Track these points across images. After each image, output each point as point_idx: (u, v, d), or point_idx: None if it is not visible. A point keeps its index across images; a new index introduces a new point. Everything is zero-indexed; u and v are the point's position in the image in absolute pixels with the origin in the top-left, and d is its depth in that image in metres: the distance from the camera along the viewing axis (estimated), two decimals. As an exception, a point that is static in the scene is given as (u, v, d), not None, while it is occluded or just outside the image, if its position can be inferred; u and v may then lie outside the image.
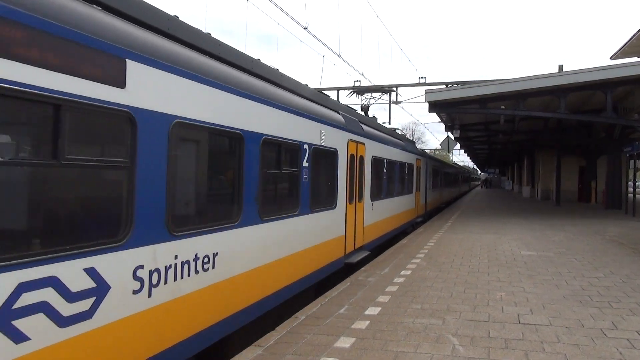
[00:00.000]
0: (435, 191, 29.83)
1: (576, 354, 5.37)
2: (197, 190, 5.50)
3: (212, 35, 6.23)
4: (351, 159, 11.00)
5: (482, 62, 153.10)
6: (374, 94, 25.05)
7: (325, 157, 9.39)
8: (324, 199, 9.31)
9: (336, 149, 9.91)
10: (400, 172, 17.20)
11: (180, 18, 5.61)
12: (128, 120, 4.12)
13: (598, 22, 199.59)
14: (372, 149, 13.07)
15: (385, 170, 14.58)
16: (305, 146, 8.08)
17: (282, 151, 7.41)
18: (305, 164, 8.08)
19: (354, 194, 11.21)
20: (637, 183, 29.06)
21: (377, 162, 13.58)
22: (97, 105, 3.77)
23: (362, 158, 11.96)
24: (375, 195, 13.46)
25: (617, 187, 28.55)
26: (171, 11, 5.70)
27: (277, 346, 5.63)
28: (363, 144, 12.02)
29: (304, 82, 9.50)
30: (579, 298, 7.85)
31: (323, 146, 9.08)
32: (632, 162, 24.57)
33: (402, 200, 17.54)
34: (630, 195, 29.86)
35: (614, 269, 10.33)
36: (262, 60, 7.44)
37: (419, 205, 21.78)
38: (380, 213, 14.07)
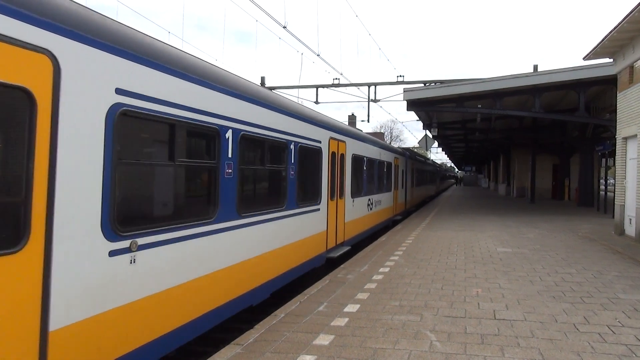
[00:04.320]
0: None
1: (550, 349, 5.50)
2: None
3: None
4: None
5: (460, 61, 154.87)
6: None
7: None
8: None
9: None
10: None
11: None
12: None
13: (572, 23, 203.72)
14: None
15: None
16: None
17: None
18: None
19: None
20: (608, 181, 29.80)
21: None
22: None
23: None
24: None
25: (589, 185, 29.24)
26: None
27: (256, 344, 5.63)
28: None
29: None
30: (553, 294, 8.03)
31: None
32: (603, 160, 25.17)
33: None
34: (602, 192, 30.59)
35: (586, 265, 10.59)
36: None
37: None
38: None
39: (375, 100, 28.82)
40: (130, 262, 4.55)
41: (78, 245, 3.99)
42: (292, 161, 8.56)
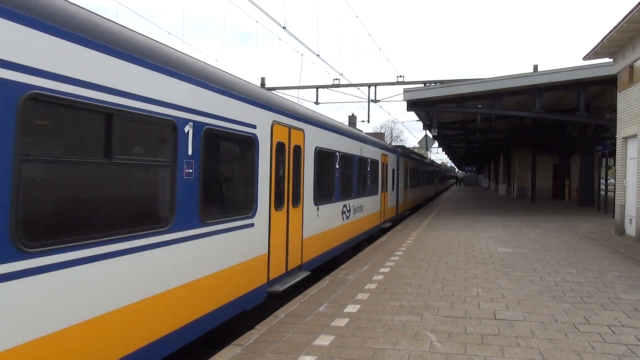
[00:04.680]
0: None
1: (550, 349, 5.50)
2: None
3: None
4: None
5: (460, 61, 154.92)
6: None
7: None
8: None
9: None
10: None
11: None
12: None
13: (572, 24, 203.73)
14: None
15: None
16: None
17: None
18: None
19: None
20: (608, 181, 29.79)
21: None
22: None
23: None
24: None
25: (590, 185, 29.24)
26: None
27: (257, 345, 5.63)
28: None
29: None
30: (553, 294, 8.03)
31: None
32: (604, 160, 25.17)
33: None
34: (602, 192, 30.59)
35: (587, 265, 10.59)
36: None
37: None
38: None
39: (375, 101, 28.84)
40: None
41: None
42: (189, 152, 5.54)
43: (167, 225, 5.10)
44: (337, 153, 11.89)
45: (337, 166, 11.89)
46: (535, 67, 22.89)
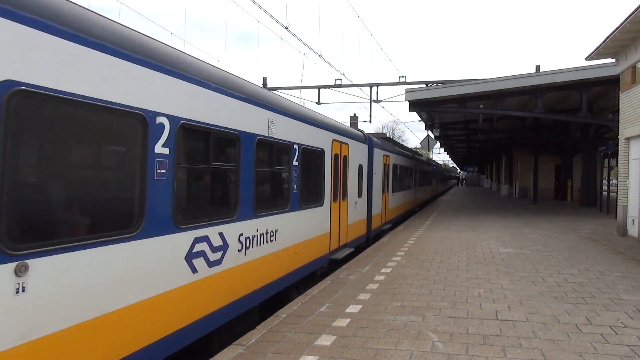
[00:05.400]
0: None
1: (552, 349, 5.49)
2: None
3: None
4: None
5: (462, 61, 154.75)
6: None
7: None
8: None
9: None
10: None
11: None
12: None
13: (574, 24, 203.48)
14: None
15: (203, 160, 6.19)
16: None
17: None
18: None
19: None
20: (611, 181, 29.72)
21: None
22: None
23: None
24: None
25: (592, 185, 29.18)
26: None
27: (258, 345, 5.63)
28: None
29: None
30: (555, 294, 8.01)
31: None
32: (606, 160, 25.12)
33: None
34: (605, 193, 30.53)
35: (589, 265, 10.57)
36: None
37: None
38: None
39: (377, 101, 28.82)
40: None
41: None
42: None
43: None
44: (210, 130, 5.93)
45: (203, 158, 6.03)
46: (538, 67, 22.87)
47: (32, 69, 3.52)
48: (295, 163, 8.63)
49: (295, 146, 8.66)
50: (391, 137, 36.62)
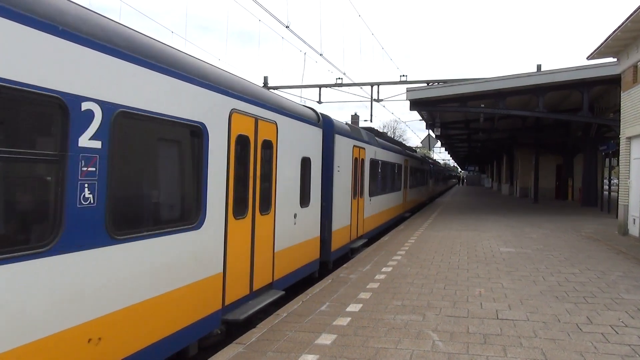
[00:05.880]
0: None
1: (553, 349, 5.48)
2: None
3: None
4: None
5: (463, 60, 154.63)
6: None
7: None
8: None
9: None
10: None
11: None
12: None
13: (575, 23, 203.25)
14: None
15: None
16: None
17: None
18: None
19: None
20: (612, 181, 29.69)
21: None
22: None
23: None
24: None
25: (593, 185, 29.15)
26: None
27: (259, 343, 5.63)
28: None
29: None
30: (556, 294, 8.00)
31: None
32: (607, 160, 25.08)
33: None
34: (606, 192, 30.47)
35: (590, 265, 10.56)
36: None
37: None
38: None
39: (378, 100, 28.80)
40: None
41: None
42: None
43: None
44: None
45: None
46: (539, 66, 22.85)
47: None
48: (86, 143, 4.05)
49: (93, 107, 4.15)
50: (393, 137, 36.31)
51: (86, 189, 3.93)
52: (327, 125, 10.95)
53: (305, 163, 9.40)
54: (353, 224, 13.01)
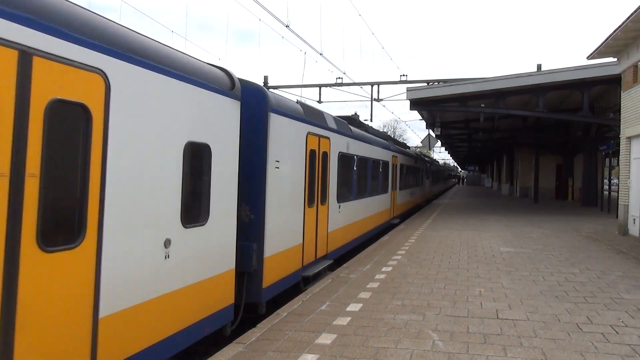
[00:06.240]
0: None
1: (553, 348, 5.48)
2: None
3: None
4: None
5: (463, 60, 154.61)
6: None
7: None
8: None
9: None
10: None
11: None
12: None
13: (576, 23, 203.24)
14: None
15: None
16: None
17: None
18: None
19: None
20: (612, 181, 29.69)
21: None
22: None
23: None
24: None
25: (593, 185, 29.15)
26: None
27: (259, 343, 5.63)
28: None
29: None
30: (556, 293, 8.00)
31: None
32: (607, 160, 25.09)
33: None
34: (606, 192, 30.48)
35: (590, 265, 10.56)
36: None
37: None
38: None
39: (378, 100, 28.80)
40: None
41: None
42: None
43: None
44: None
45: None
46: (539, 66, 22.84)
47: None
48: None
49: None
50: (393, 136, 36.18)
51: None
52: (252, 97, 7.40)
53: (197, 152, 5.59)
54: (309, 242, 9.43)
